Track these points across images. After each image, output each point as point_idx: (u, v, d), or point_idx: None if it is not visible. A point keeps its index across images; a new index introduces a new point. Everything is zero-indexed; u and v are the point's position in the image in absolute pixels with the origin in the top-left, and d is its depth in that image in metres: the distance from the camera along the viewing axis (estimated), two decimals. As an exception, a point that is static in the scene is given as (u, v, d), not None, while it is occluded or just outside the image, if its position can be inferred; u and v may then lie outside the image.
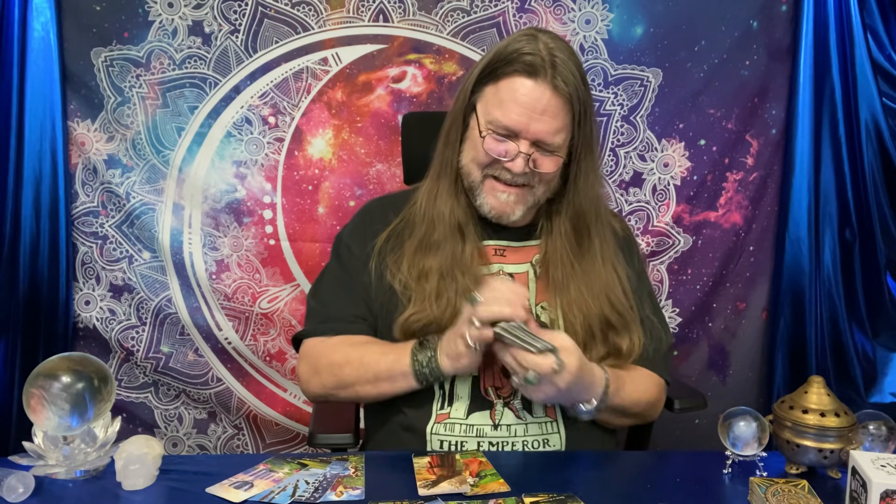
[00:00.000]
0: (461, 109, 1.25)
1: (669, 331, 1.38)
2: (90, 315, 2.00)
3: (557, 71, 1.16)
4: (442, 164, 1.28)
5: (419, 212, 1.29)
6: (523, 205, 1.24)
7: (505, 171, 1.21)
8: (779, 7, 2.01)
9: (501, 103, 1.18)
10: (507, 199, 1.23)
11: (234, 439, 2.13)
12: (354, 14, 1.93)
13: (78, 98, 1.92)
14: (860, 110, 2.00)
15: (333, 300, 1.31)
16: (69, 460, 1.06)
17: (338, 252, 1.35)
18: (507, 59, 1.18)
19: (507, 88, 1.18)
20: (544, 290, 1.28)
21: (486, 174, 1.23)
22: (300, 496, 1.02)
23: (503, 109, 1.18)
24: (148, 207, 1.97)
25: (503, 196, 1.23)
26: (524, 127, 1.17)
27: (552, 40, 1.19)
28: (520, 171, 1.19)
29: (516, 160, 1.19)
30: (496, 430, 1.21)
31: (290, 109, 1.96)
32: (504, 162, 1.20)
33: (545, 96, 1.17)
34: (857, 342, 2.11)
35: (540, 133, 1.18)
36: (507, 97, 1.18)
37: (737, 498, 1.04)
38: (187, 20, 1.90)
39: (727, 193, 2.09)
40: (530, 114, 1.17)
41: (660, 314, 1.38)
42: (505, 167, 1.20)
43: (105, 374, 1.09)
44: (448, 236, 1.25)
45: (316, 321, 1.31)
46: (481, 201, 1.25)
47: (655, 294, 1.51)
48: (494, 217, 1.26)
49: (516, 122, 1.17)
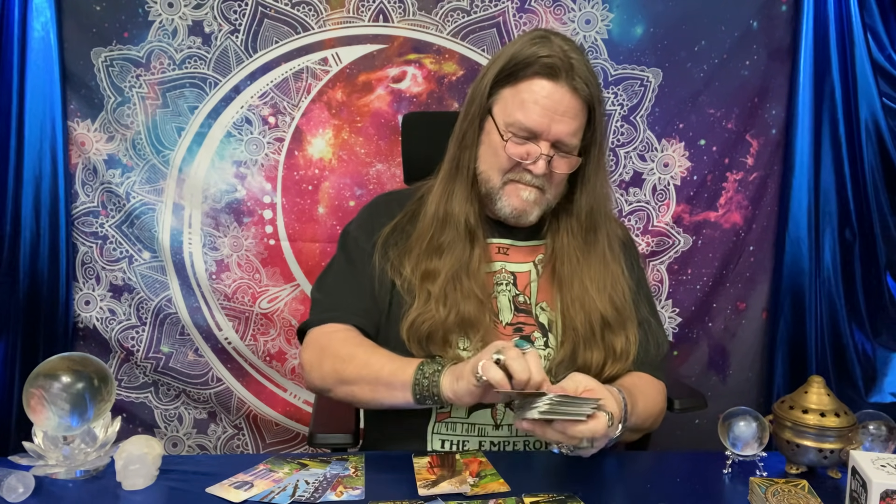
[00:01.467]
0: (477, 114, 1.25)
1: (665, 334, 1.39)
2: (90, 315, 2.00)
3: (575, 71, 1.18)
4: (457, 167, 1.28)
5: (429, 211, 1.28)
6: (539, 206, 1.25)
7: (525, 172, 1.22)
8: (779, 7, 2.01)
9: (523, 104, 1.19)
10: (528, 198, 1.23)
11: (234, 439, 2.13)
12: (354, 14, 1.93)
13: (78, 98, 1.92)
14: (860, 110, 2.00)
15: (338, 291, 1.30)
16: (69, 460, 1.06)
17: (344, 244, 1.34)
18: (525, 61, 1.19)
19: (528, 90, 1.19)
20: (546, 289, 1.28)
21: (507, 179, 1.24)
22: (300, 496, 1.01)
23: (525, 111, 1.19)
24: (148, 207, 1.97)
25: (525, 194, 1.23)
26: (545, 128, 1.18)
27: (565, 42, 1.21)
28: (541, 172, 1.20)
29: (538, 162, 1.20)
30: (498, 429, 1.21)
31: (290, 109, 1.96)
32: (525, 164, 1.21)
33: (565, 98, 1.18)
34: (857, 342, 2.11)
35: (560, 134, 1.19)
36: (528, 98, 1.19)
37: (737, 498, 1.04)
38: (187, 20, 1.90)
39: (727, 193, 2.09)
40: (552, 115, 1.18)
41: (658, 318, 1.38)
42: (526, 169, 1.21)
43: (105, 374, 1.09)
44: (459, 239, 1.25)
45: (319, 311, 1.30)
46: (501, 204, 1.25)
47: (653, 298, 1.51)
48: (514, 218, 1.26)
49: (538, 124, 1.18)
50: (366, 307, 1.27)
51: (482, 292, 1.22)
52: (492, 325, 1.23)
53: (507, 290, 1.27)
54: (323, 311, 1.29)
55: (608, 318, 1.24)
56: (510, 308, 1.26)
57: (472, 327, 1.20)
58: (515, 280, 1.28)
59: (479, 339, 1.20)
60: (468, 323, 1.20)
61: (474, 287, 1.22)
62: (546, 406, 0.99)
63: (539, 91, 1.18)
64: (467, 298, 1.20)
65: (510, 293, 1.27)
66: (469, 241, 1.25)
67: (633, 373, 1.28)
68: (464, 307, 1.20)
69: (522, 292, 1.28)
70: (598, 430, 1.01)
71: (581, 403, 1.00)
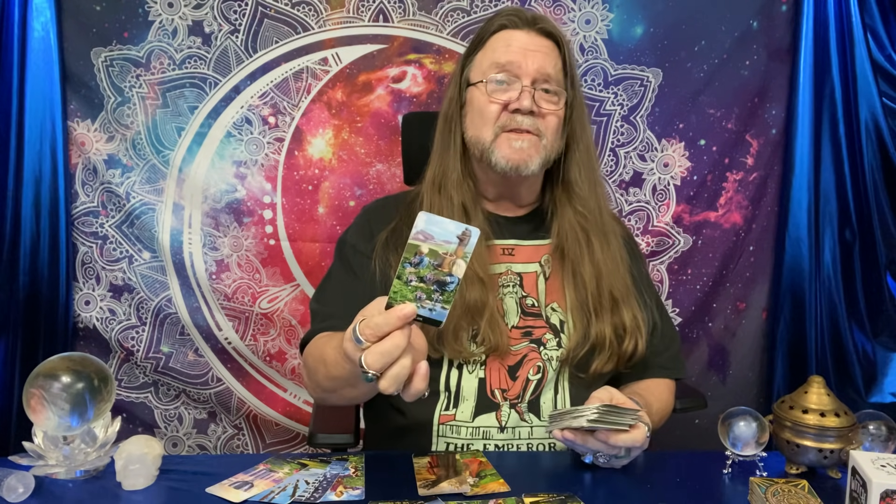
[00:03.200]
0: (456, 89, 1.29)
1: (675, 328, 1.40)
2: (90, 315, 2.00)
3: (537, 19, 1.25)
4: (444, 146, 1.30)
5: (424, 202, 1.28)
6: (537, 154, 1.24)
7: (514, 115, 1.22)
8: (779, 7, 2.01)
9: (495, 51, 1.25)
10: (521, 146, 1.23)
11: (234, 439, 2.13)
12: (354, 14, 1.93)
13: (78, 98, 1.92)
14: (860, 110, 2.00)
15: (334, 300, 1.29)
16: (69, 460, 1.06)
17: (341, 253, 1.33)
18: (488, 26, 1.27)
19: (497, 40, 1.26)
20: (554, 289, 1.28)
21: (498, 130, 1.24)
22: (300, 496, 1.01)
23: (498, 53, 1.24)
24: (148, 207, 1.97)
25: (518, 143, 1.23)
26: (521, 60, 1.22)
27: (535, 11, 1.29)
28: (527, 106, 1.21)
29: (523, 95, 1.21)
30: (502, 432, 1.21)
31: (290, 109, 1.96)
32: (512, 105, 1.22)
33: (534, 38, 1.25)
34: (857, 342, 2.11)
35: (537, 66, 1.23)
36: (499, 45, 1.25)
37: (737, 498, 1.04)
38: (187, 20, 1.90)
39: (727, 193, 2.09)
40: (524, 51, 1.23)
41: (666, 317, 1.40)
42: (514, 110, 1.22)
43: (105, 374, 1.09)
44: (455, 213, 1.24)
45: (316, 322, 1.29)
46: (496, 158, 1.23)
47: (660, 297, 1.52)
48: (513, 170, 1.23)
49: (513, 56, 1.23)
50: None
51: (484, 272, 1.22)
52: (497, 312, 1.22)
53: (513, 291, 1.27)
54: (319, 321, 1.27)
55: (615, 293, 1.25)
56: (517, 311, 1.26)
57: (479, 312, 1.20)
58: (522, 281, 1.28)
59: (487, 324, 1.20)
60: (474, 309, 1.20)
61: (477, 266, 1.21)
62: (595, 415, 1.02)
63: (507, 37, 1.25)
64: (471, 282, 1.20)
65: (517, 295, 1.27)
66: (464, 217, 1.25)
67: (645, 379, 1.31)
68: (468, 293, 1.19)
69: (529, 294, 1.28)
70: (639, 439, 1.05)
71: (624, 413, 1.04)
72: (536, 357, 1.24)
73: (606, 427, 1.03)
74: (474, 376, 1.22)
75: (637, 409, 1.06)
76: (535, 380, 1.23)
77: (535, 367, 1.23)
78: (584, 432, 1.06)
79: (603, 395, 1.08)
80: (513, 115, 1.22)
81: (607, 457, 1.08)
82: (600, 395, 1.08)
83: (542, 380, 1.23)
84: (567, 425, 1.05)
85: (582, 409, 1.04)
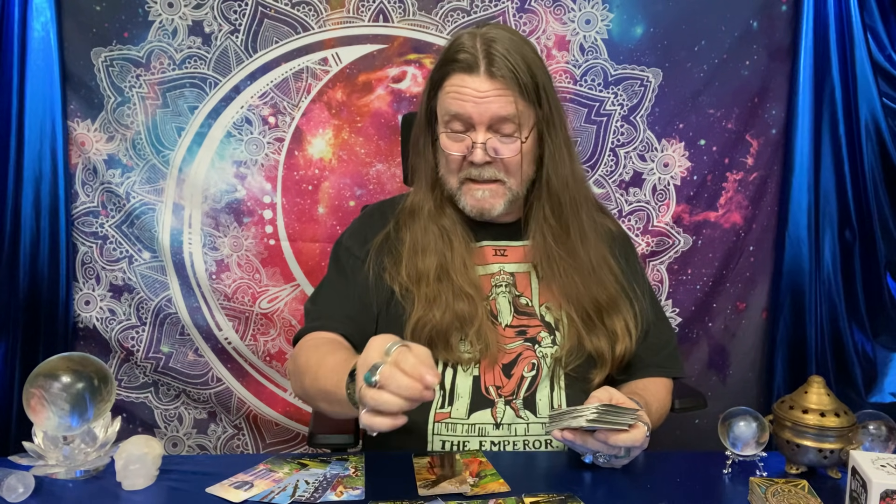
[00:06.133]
0: (424, 118, 1.29)
1: (671, 326, 1.39)
2: (90, 315, 2.00)
3: (493, 62, 1.19)
4: (417, 172, 1.32)
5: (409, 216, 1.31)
6: (501, 199, 1.26)
7: (473, 167, 1.23)
8: (779, 7, 2.01)
9: (448, 97, 1.22)
10: (483, 196, 1.25)
11: (234, 439, 2.13)
12: (354, 14, 1.93)
13: (78, 98, 1.92)
14: (860, 110, 2.00)
15: (327, 301, 1.31)
16: (69, 460, 1.06)
17: (337, 256, 1.35)
18: (445, 60, 1.23)
19: (451, 85, 1.22)
20: (546, 289, 1.29)
21: (462, 178, 1.26)
22: (300, 496, 1.02)
23: (450, 102, 1.21)
24: (148, 207, 1.97)
25: (479, 193, 1.25)
26: (471, 111, 1.20)
27: (493, 30, 1.23)
28: (480, 160, 1.21)
29: (475, 151, 1.21)
30: (498, 429, 1.21)
31: (290, 109, 1.96)
32: (468, 158, 1.22)
33: (484, 84, 1.19)
34: (857, 342, 2.11)
35: (490, 115, 1.19)
36: (451, 91, 1.22)
37: (737, 498, 1.04)
38: (187, 20, 1.90)
39: (727, 193, 2.09)
40: (474, 100, 1.20)
41: (662, 315, 1.40)
42: (468, 162, 1.23)
43: (105, 374, 1.09)
44: (436, 240, 1.27)
45: (308, 321, 1.30)
46: (463, 203, 1.27)
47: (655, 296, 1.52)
48: (477, 215, 1.28)
49: (462, 107, 1.20)
50: (351, 314, 1.27)
51: (470, 286, 1.23)
52: (487, 320, 1.23)
53: (506, 291, 1.28)
54: (310, 321, 1.29)
55: (601, 301, 1.26)
56: (510, 310, 1.27)
57: (468, 323, 1.21)
58: (514, 281, 1.29)
59: (475, 334, 1.21)
60: (463, 319, 1.21)
61: (462, 283, 1.23)
62: (594, 415, 1.02)
63: (458, 83, 1.21)
64: (458, 296, 1.22)
65: (510, 294, 1.28)
66: (447, 242, 1.27)
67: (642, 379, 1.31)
68: (456, 305, 1.21)
69: (523, 293, 1.28)
70: (639, 438, 1.05)
71: (623, 413, 1.04)
72: (531, 355, 1.24)
73: (606, 427, 1.03)
74: (468, 374, 1.23)
75: (636, 409, 1.06)
76: (530, 377, 1.24)
77: (530, 364, 1.24)
78: (584, 432, 1.06)
79: (602, 395, 1.08)
80: (470, 166, 1.23)
81: (607, 457, 1.08)
82: (600, 395, 1.08)
83: (536, 376, 1.24)
84: (566, 425, 1.05)
85: (581, 409, 1.04)
